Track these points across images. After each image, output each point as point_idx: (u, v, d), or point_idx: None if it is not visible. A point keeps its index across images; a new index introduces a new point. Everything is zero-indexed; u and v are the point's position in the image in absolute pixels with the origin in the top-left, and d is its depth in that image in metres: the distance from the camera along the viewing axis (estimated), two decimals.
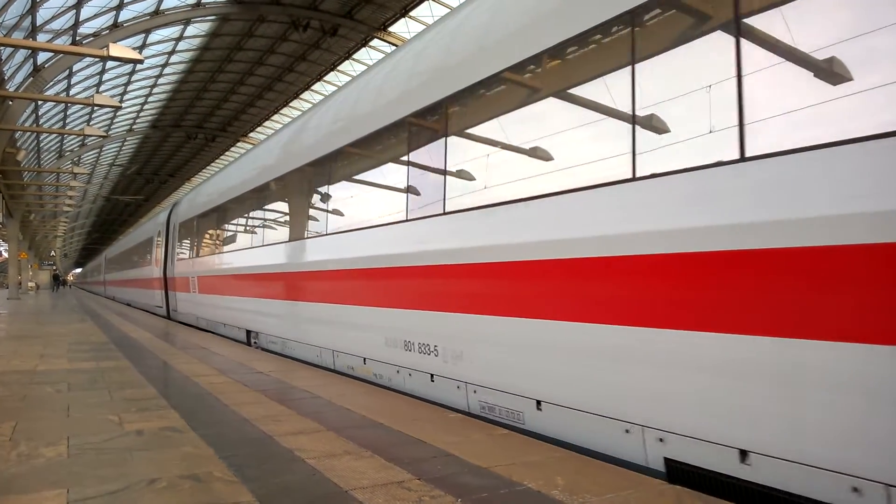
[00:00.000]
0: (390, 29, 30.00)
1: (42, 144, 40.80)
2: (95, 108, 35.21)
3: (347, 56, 34.00)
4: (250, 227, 11.50)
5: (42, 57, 24.32)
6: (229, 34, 32.75)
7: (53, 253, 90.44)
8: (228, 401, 5.55)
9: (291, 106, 42.14)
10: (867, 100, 2.82)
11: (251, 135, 48.14)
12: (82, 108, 36.95)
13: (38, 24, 23.55)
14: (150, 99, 41.97)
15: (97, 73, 33.36)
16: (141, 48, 29.46)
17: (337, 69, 35.78)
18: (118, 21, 26.36)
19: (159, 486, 3.22)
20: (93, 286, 63.28)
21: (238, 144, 50.35)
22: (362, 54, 33.20)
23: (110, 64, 31.35)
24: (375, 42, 31.32)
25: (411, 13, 28.86)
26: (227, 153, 53.48)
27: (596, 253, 4.01)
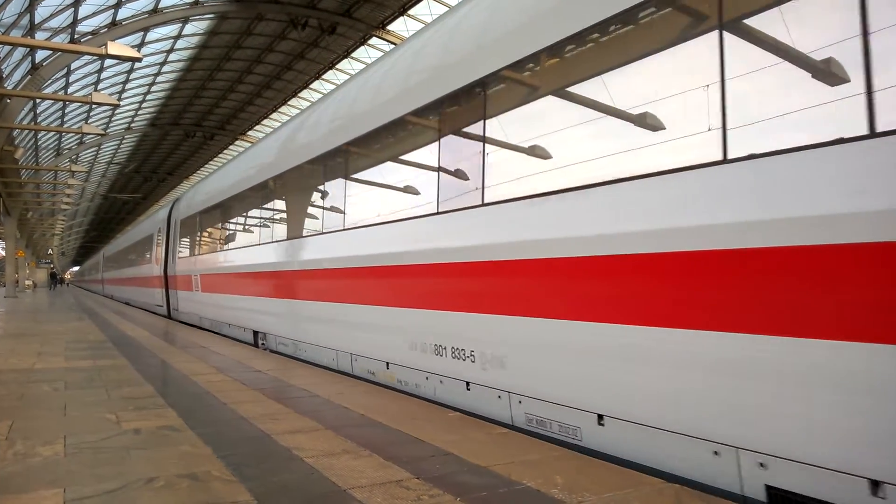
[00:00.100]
0: (389, 27, 29.98)
1: (40, 142, 40.70)
2: (94, 107, 35.21)
3: (346, 54, 33.99)
4: (259, 223, 10.88)
5: (40, 55, 24.26)
6: (228, 32, 32.71)
7: (51, 251, 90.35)
8: (226, 399, 5.54)
9: (290, 104, 42.09)
10: None
11: (250, 133, 48.10)
12: (80, 107, 36.94)
13: (37, 22, 23.51)
14: (149, 97, 41.92)
15: (95, 72, 33.31)
16: (139, 46, 29.39)
17: (335, 67, 35.76)
18: (116, 19, 26.33)
19: (157, 485, 3.20)
20: (90, 284, 63.18)
21: (236, 143, 50.31)
22: (361, 52, 33.17)
23: (109, 62, 31.28)
24: (374, 40, 31.29)
25: (410, 11, 28.85)
26: (226, 151, 53.45)
27: (683, 246, 3.43)
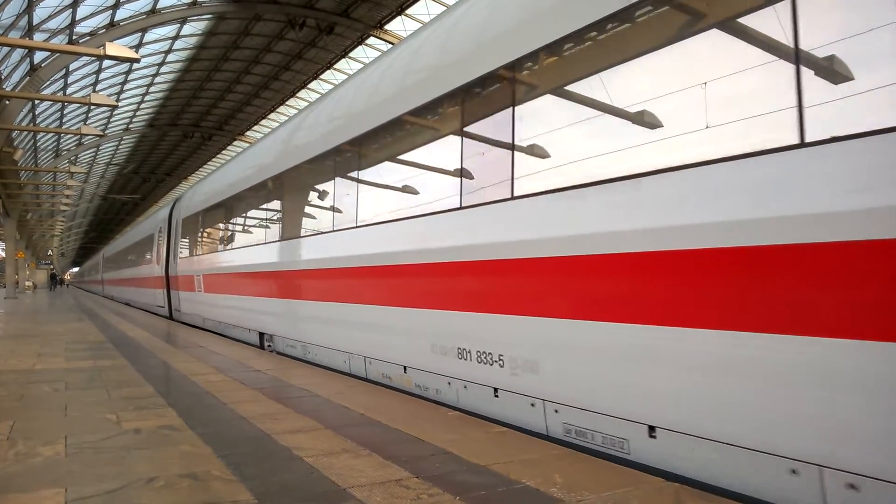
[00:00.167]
0: (387, 27, 29.98)
1: (39, 144, 40.70)
2: (92, 108, 35.10)
3: (344, 54, 33.98)
4: (267, 221, 10.41)
5: (39, 56, 24.25)
6: (226, 33, 32.70)
7: (50, 252, 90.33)
8: (226, 399, 5.55)
9: (288, 104, 42.08)
10: None
11: (248, 133, 48.09)
12: (79, 108, 36.91)
13: (35, 24, 23.51)
14: (147, 98, 41.90)
15: (94, 73, 33.31)
16: (137, 47, 29.39)
17: (333, 67, 35.74)
18: (114, 20, 26.32)
19: (157, 485, 3.22)
20: (90, 285, 63.05)
21: (234, 143, 50.29)
22: (359, 52, 33.16)
23: (107, 63, 31.26)
24: (372, 40, 31.29)
25: (407, 11, 28.85)
26: (224, 152, 53.43)
27: (769, 240, 3.03)
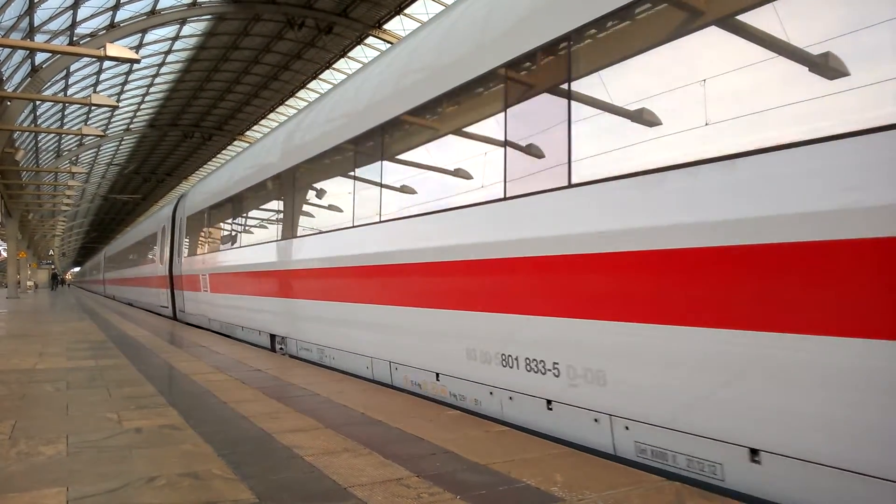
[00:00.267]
0: (385, 27, 29.99)
1: (40, 144, 40.75)
2: (93, 108, 35.17)
3: (343, 54, 34.01)
4: (282, 216, 9.68)
5: (40, 57, 24.29)
6: (225, 33, 32.73)
7: (52, 252, 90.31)
8: (227, 398, 5.56)
9: (287, 104, 42.10)
10: None
11: (247, 133, 48.12)
12: (80, 108, 36.93)
13: (36, 25, 23.56)
14: (147, 98, 41.95)
15: (94, 73, 33.35)
16: (138, 48, 29.41)
17: (332, 67, 35.76)
18: (115, 21, 26.38)
19: (159, 484, 3.22)
20: (91, 285, 63.01)
21: (234, 143, 50.32)
22: (357, 52, 33.19)
23: (107, 64, 31.27)
24: (370, 40, 31.30)
25: (406, 11, 28.85)
26: (224, 152, 53.47)
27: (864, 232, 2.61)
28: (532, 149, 4.60)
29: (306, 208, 9.04)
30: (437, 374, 5.68)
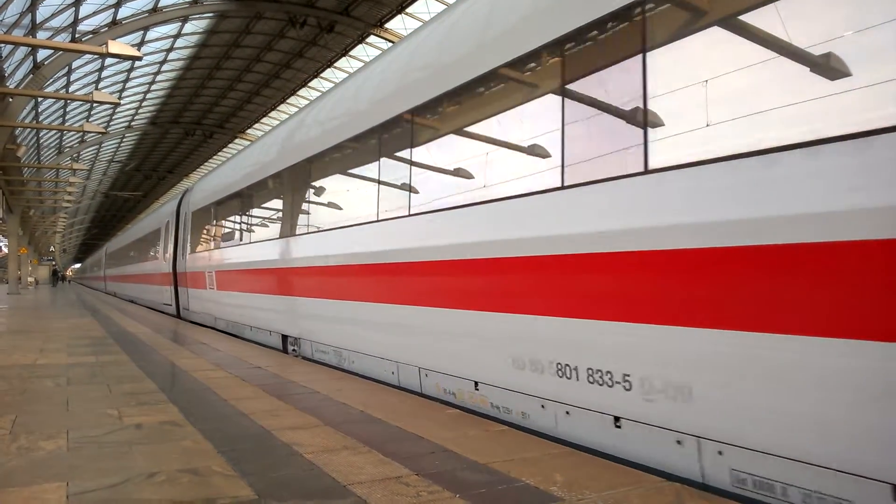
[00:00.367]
0: (387, 25, 30.01)
1: (42, 141, 40.79)
2: (94, 105, 35.29)
3: (344, 53, 34.04)
4: (296, 211, 9.07)
5: (42, 54, 24.34)
6: (227, 31, 32.76)
7: (53, 248, 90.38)
8: (227, 395, 5.56)
9: (289, 103, 42.14)
10: None
11: (248, 131, 48.15)
12: (81, 105, 37.02)
13: (38, 22, 23.62)
14: (149, 95, 42.04)
15: (96, 70, 33.39)
16: (139, 45, 29.42)
17: (334, 66, 35.78)
18: (117, 18, 26.43)
19: (158, 480, 3.23)
20: (92, 282, 62.94)
21: (235, 141, 50.35)
22: (359, 51, 33.21)
23: (109, 61, 31.34)
24: (372, 39, 31.31)
25: (408, 10, 28.87)
26: (225, 150, 53.51)
27: None
28: (595, 131, 4.04)
29: (326, 202, 8.39)
30: (476, 383, 5.17)
